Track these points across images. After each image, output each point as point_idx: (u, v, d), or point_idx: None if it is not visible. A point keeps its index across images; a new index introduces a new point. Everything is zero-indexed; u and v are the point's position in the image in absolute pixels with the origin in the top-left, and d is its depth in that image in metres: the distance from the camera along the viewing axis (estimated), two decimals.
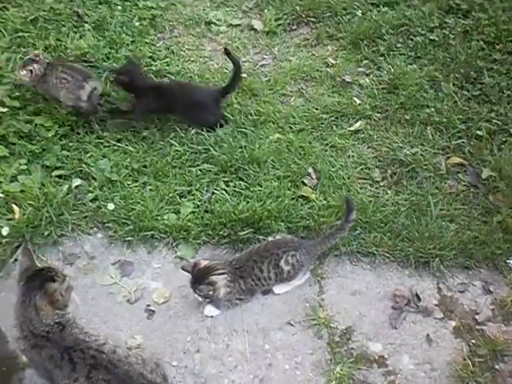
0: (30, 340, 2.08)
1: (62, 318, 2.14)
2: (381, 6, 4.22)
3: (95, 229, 2.97)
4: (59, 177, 3.13)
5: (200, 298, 2.63)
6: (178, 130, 3.34)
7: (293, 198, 3.04)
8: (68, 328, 2.12)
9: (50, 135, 3.31)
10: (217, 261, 2.67)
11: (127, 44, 3.85)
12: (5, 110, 3.40)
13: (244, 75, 3.67)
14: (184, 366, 2.52)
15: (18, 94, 3.49)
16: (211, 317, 2.68)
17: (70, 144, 3.29)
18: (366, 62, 3.86)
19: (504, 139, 3.39)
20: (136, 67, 3.42)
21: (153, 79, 3.57)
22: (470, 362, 2.56)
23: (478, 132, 3.40)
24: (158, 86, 3.43)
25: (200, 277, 2.60)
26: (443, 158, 3.31)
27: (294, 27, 4.14)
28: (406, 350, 2.61)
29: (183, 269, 2.64)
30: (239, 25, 4.15)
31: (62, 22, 3.98)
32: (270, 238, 2.80)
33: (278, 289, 2.76)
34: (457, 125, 3.44)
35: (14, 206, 3.00)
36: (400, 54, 3.88)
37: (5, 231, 2.89)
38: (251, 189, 3.07)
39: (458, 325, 2.70)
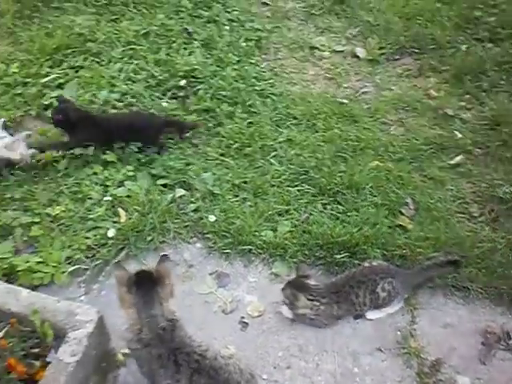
0: (145, 339, 2.18)
1: (174, 316, 2.25)
2: (485, 42, 4.22)
3: (195, 238, 3.08)
4: (164, 186, 3.27)
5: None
6: (279, 150, 3.44)
7: (390, 227, 3.07)
8: (178, 329, 2.22)
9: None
10: (318, 284, 2.74)
11: (233, 63, 3.99)
12: None
13: (345, 101, 3.75)
14: (274, 380, 2.57)
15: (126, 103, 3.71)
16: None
17: (174, 155, 3.43)
18: (469, 96, 3.86)
19: None
20: (68, 104, 3.46)
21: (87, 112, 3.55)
22: None
23: None
24: (93, 117, 3.48)
25: (295, 283, 2.70)
26: None
27: (397, 57, 4.19)
28: None
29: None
30: (342, 51, 4.23)
31: (173, 38, 4.17)
32: (366, 264, 2.84)
33: (371, 314, 2.79)
34: None
35: (120, 209, 3.15)
36: (503, 91, 3.86)
37: (111, 233, 3.04)
38: (348, 213, 3.12)
39: None
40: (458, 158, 3.45)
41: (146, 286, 2.26)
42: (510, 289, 2.86)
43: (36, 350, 2.27)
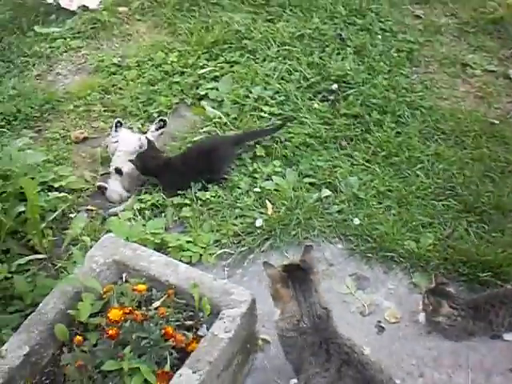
0: (302, 328, 2.28)
1: (328, 305, 2.35)
2: None
3: (337, 239, 3.16)
4: (310, 184, 3.38)
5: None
6: (425, 163, 3.47)
7: None
8: (330, 318, 2.32)
9: (300, 142, 3.60)
10: (459, 295, 2.76)
11: (384, 72, 4.04)
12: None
13: (496, 121, 3.73)
14: None
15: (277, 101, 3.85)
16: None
17: (322, 156, 3.54)
18: None
19: None
20: (147, 150, 3.54)
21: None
22: None
23: None
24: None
25: (439, 290, 2.74)
26: None
27: None
28: None
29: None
30: (494, 71, 4.17)
31: (326, 43, 4.27)
32: (509, 286, 2.83)
33: (509, 336, 2.78)
34: None
35: (267, 201, 3.29)
36: None
37: (258, 223, 3.19)
38: (493, 234, 3.10)
39: None
40: None
41: (299, 277, 2.37)
42: None
43: (190, 323, 2.43)
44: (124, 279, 2.56)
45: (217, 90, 3.98)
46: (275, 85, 3.92)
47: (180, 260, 2.97)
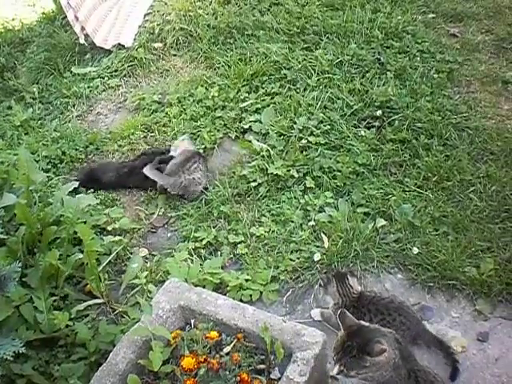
0: (396, 363, 2.27)
1: None
2: None
3: (396, 269, 3.15)
4: (365, 214, 3.37)
5: None
6: (477, 185, 3.45)
7: None
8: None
9: (349, 171, 3.60)
10: None
11: (426, 95, 4.03)
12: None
13: None
14: None
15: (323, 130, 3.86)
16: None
17: (372, 184, 3.53)
18: None
19: None
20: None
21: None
22: None
23: None
24: None
25: None
26: None
27: None
28: None
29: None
30: None
31: (366, 68, 4.28)
32: None
33: None
34: None
35: (323, 235, 3.29)
36: None
37: (316, 257, 3.19)
38: None
39: None
40: None
41: (363, 332, 2.32)
42: None
43: (262, 366, 2.43)
44: (192, 325, 2.56)
45: (260, 122, 4.00)
46: (319, 114, 3.93)
47: (240, 299, 2.99)
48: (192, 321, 2.58)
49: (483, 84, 4.21)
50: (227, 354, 2.39)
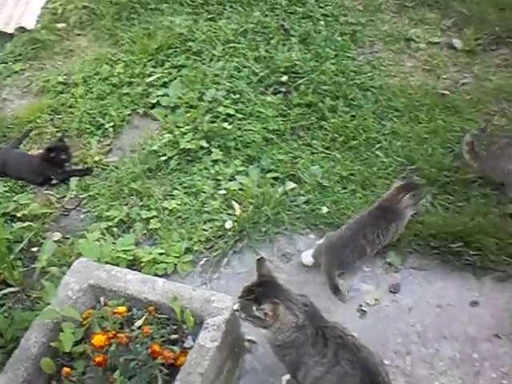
0: (300, 324, 2.29)
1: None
2: None
3: (308, 229, 3.19)
4: (274, 179, 3.39)
5: None
6: (383, 142, 3.51)
7: (500, 216, 3.10)
8: (312, 303, 2.38)
9: (259, 138, 3.60)
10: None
11: (331, 57, 4.05)
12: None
13: (446, 92, 3.79)
14: (395, 365, 2.66)
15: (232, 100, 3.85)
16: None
17: (281, 149, 3.55)
18: None
19: None
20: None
21: None
22: None
23: None
24: None
25: None
26: None
27: (494, 47, 4.15)
28: None
29: None
30: (438, 43, 4.22)
31: (270, 35, 4.27)
32: None
33: None
34: None
35: (234, 202, 3.29)
36: None
37: (228, 225, 3.20)
38: (459, 204, 3.17)
39: None
40: None
41: (270, 289, 2.35)
42: None
43: (175, 337, 2.43)
44: (103, 303, 2.53)
45: (167, 96, 3.95)
46: (226, 84, 3.91)
47: (155, 274, 2.97)
48: (102, 298, 2.56)
49: (386, 43, 4.26)
50: (139, 327, 2.38)
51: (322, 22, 4.38)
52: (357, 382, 2.24)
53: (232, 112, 3.75)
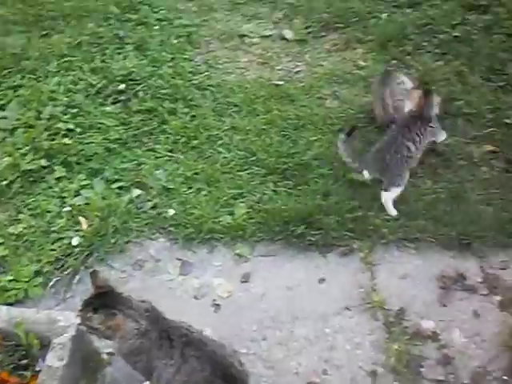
0: (142, 330, 2.28)
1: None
2: (404, 8, 4.46)
3: (158, 234, 3.20)
4: (119, 188, 3.38)
5: None
6: (224, 138, 3.59)
7: (339, 193, 3.25)
8: (154, 307, 2.38)
9: (102, 149, 3.58)
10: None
11: (168, 61, 4.10)
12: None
13: (280, 82, 3.93)
14: (252, 352, 2.72)
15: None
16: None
17: (125, 158, 3.54)
18: (395, 61, 4.06)
19: None
20: None
21: None
22: None
23: (507, 120, 3.59)
24: None
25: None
26: (475, 147, 3.50)
27: (324, 34, 4.36)
28: (457, 324, 2.78)
29: None
30: (271, 35, 4.38)
31: (105, 45, 4.25)
32: None
33: None
34: (485, 115, 3.63)
35: (80, 218, 3.25)
36: (426, 52, 4.09)
37: (75, 241, 3.14)
38: (299, 188, 3.29)
39: (503, 299, 2.87)
40: None
41: (110, 299, 2.33)
42: (458, 234, 3.08)
43: (24, 362, 2.38)
44: None
45: (5, 118, 3.83)
46: (64, 99, 3.85)
47: (7, 302, 2.89)
48: None
49: (222, 41, 4.36)
50: None
51: (157, 27, 4.42)
52: (207, 376, 2.27)
53: (72, 127, 3.68)
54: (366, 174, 3.28)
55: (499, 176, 3.37)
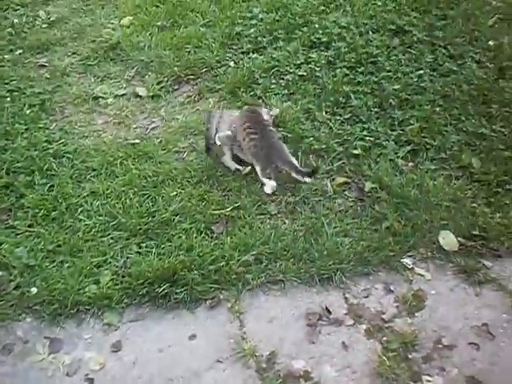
0: None
1: None
2: (250, 53, 4.61)
3: (23, 314, 3.12)
4: None
5: None
6: (84, 205, 3.57)
7: (202, 246, 3.30)
8: None
9: None
10: None
11: (22, 133, 4.05)
12: None
13: (137, 141, 3.96)
14: None
15: None
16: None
17: None
18: (247, 107, 4.18)
19: (378, 152, 3.77)
20: None
21: None
22: (385, 358, 2.83)
23: (355, 151, 3.77)
24: None
25: None
26: (329, 181, 3.66)
27: (176, 87, 4.46)
28: (327, 360, 2.87)
29: None
30: (125, 94, 4.43)
31: None
32: None
33: None
34: (335, 148, 3.80)
35: None
36: (275, 94, 4.24)
37: None
38: (162, 246, 3.32)
39: (369, 327, 2.98)
40: (249, 168, 3.73)
41: None
42: (319, 269, 3.19)
43: None
44: None
45: None
46: None
47: None
48: None
49: (76, 105, 4.36)
50: None
51: (8, 99, 4.36)
52: None
53: None
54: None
55: (353, 206, 3.53)
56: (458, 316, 3.03)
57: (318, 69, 4.37)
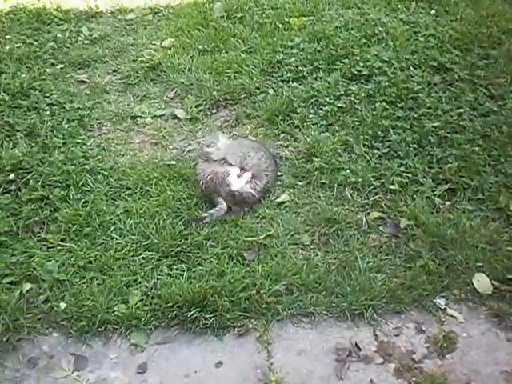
0: None
1: None
2: (290, 82, 4.60)
3: (50, 329, 3.12)
4: (10, 283, 3.28)
5: None
6: (117, 223, 3.57)
7: (233, 272, 3.28)
8: None
9: None
10: None
11: (59, 147, 4.07)
12: None
13: (173, 162, 3.97)
14: None
15: None
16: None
17: (16, 250, 3.45)
18: (284, 135, 4.17)
19: (415, 189, 3.72)
20: None
21: None
22: None
23: (392, 186, 3.73)
24: None
25: None
26: (364, 214, 3.62)
27: (214, 111, 4.47)
28: None
29: None
30: (163, 115, 4.45)
31: None
32: None
33: None
34: (372, 182, 3.76)
35: None
36: (313, 124, 4.22)
37: None
38: (193, 269, 3.30)
39: (398, 366, 2.93)
40: (283, 196, 3.72)
41: None
42: (350, 304, 3.14)
43: None
44: None
45: None
46: None
47: None
48: None
49: (114, 123, 4.38)
50: None
51: (48, 112, 4.39)
52: None
53: None
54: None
55: (388, 242, 3.48)
56: (489, 361, 2.97)
57: (357, 101, 4.35)
